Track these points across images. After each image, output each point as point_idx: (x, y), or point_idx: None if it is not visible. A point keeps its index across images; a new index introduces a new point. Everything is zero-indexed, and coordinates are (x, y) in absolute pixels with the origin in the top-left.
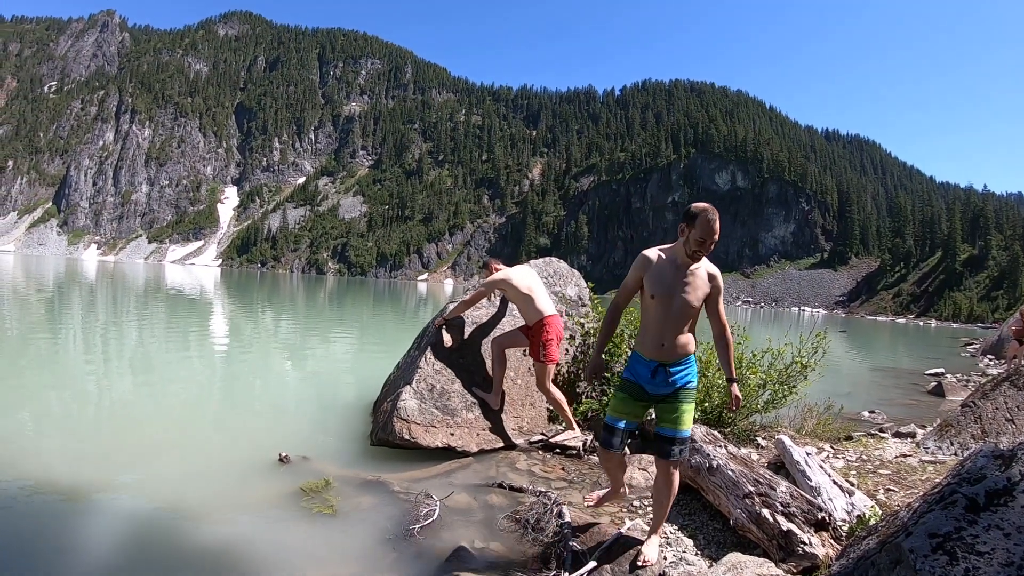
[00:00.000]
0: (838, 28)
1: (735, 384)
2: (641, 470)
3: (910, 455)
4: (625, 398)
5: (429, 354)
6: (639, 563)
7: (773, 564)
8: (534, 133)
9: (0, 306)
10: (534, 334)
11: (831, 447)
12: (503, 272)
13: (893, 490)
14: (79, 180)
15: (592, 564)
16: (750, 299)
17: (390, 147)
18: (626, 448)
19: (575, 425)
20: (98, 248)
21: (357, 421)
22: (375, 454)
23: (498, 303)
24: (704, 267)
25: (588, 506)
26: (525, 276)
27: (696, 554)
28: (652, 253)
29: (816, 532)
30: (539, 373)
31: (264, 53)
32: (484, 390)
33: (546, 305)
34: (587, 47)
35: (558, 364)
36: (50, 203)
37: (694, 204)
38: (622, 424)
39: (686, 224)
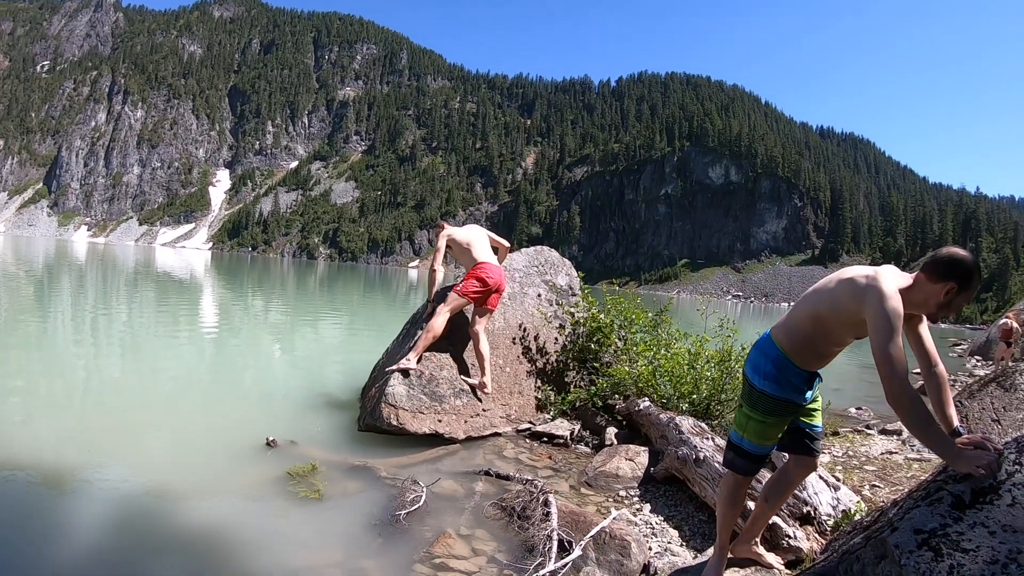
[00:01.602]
0: (835, 25)
1: None
2: (628, 460)
3: (896, 452)
4: (778, 422)
5: None
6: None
7: None
8: (528, 122)
9: None
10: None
11: None
12: (447, 230)
13: (879, 486)
14: (70, 161)
15: (578, 552)
16: (740, 293)
17: (384, 133)
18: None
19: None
20: (88, 230)
21: (345, 407)
22: (362, 440)
23: None
24: None
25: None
26: (467, 231)
27: (681, 545)
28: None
29: (801, 526)
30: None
31: (259, 36)
32: (472, 377)
33: (483, 254)
34: (583, 36)
35: (545, 354)
36: (41, 184)
37: (959, 255)
38: (768, 450)
39: (956, 283)
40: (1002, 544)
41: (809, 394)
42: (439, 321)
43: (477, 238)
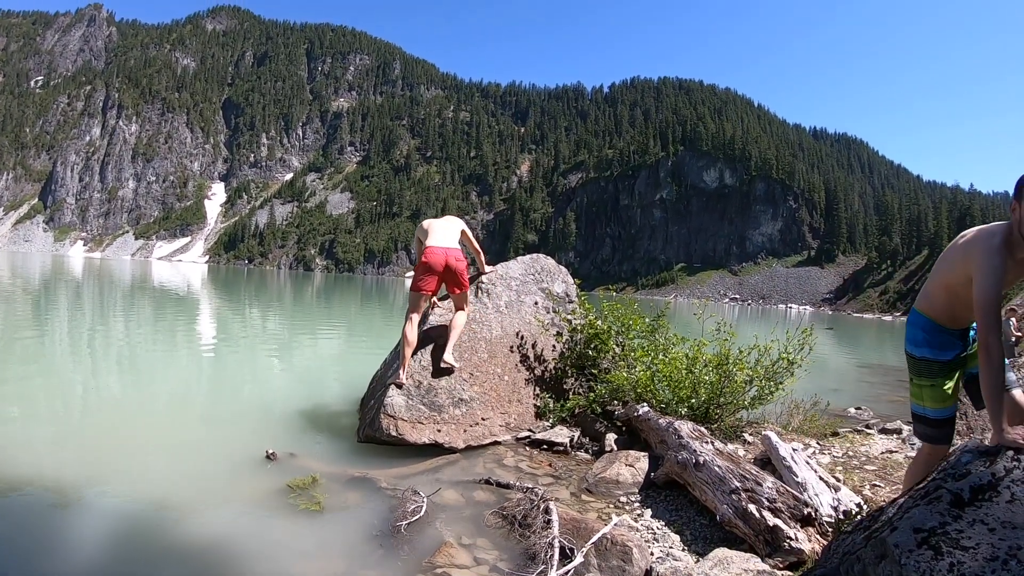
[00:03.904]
0: (826, 26)
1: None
2: (628, 466)
3: (896, 451)
4: (947, 381)
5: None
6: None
7: (759, 559)
8: (522, 130)
9: None
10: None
11: (817, 443)
12: (423, 221)
13: (879, 486)
14: (65, 176)
15: (579, 559)
16: (737, 296)
17: (378, 143)
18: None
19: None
20: (84, 245)
21: (344, 418)
22: (362, 451)
23: (484, 299)
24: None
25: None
26: (434, 221)
27: (683, 549)
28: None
29: (802, 527)
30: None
31: (252, 48)
32: (471, 384)
33: (433, 239)
34: (576, 42)
35: (543, 360)
36: (36, 199)
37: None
38: (940, 413)
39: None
40: (1001, 541)
41: (963, 346)
42: (407, 327)
43: (437, 224)
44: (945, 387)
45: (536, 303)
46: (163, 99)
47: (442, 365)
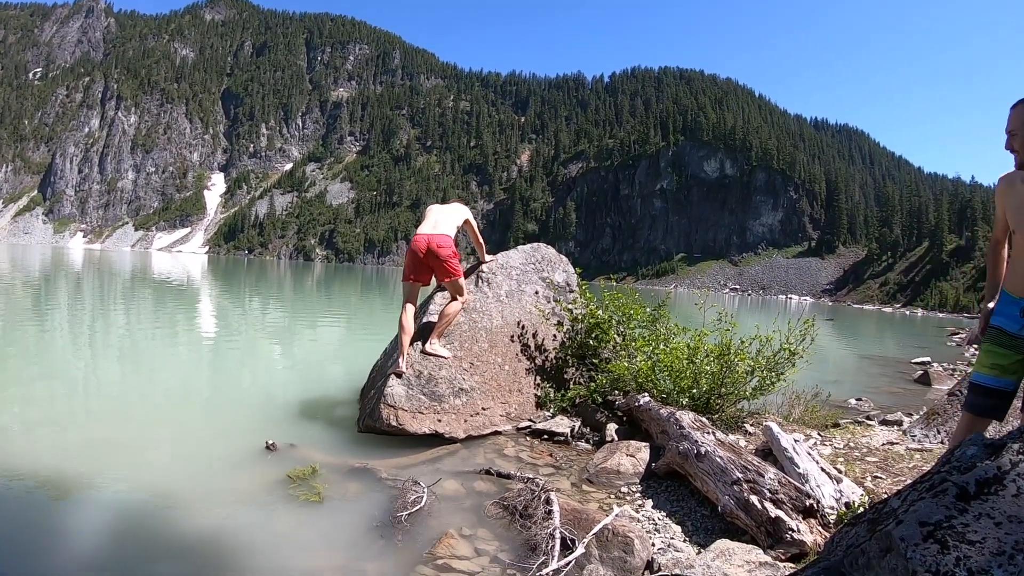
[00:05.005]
0: (828, 15)
1: None
2: (629, 456)
3: (897, 443)
4: (994, 350)
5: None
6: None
7: (761, 551)
8: (523, 119)
9: None
10: None
11: (819, 434)
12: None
13: (880, 477)
14: (65, 168)
15: (580, 550)
16: (737, 287)
17: (378, 133)
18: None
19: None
20: (84, 236)
21: (344, 408)
22: (362, 441)
23: (485, 289)
24: None
25: None
26: (434, 207)
27: (684, 540)
28: (1009, 177)
29: (804, 519)
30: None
31: (251, 38)
32: (472, 374)
33: (423, 226)
34: (576, 32)
35: (544, 350)
36: (36, 191)
37: None
38: (993, 382)
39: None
40: (1008, 535)
41: (1017, 326)
42: (403, 316)
43: (435, 210)
44: (988, 354)
45: (537, 292)
46: (162, 90)
47: (424, 351)
